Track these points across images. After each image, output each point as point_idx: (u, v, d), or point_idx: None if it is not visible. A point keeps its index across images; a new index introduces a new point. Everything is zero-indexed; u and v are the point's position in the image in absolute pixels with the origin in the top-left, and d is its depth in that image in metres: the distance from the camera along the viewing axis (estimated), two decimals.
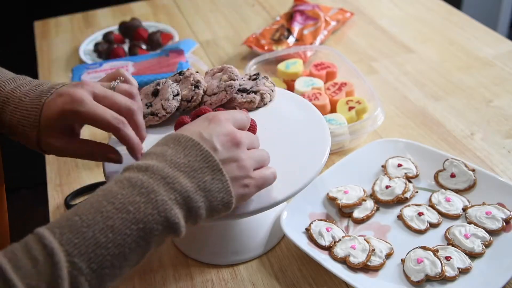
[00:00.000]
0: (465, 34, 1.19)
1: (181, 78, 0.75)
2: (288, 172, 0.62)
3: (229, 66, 0.76)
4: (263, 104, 0.74)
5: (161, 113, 0.71)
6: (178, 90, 0.72)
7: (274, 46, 1.15)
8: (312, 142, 0.68)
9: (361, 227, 0.74)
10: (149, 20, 1.37)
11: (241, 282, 0.70)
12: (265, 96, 0.74)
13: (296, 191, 0.62)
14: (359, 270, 0.68)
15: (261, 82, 0.76)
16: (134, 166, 0.51)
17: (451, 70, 1.08)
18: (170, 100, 0.71)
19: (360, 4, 1.37)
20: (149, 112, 0.71)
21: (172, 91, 0.72)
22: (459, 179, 0.78)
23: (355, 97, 0.92)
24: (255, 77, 0.77)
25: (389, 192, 0.77)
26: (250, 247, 0.73)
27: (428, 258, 0.66)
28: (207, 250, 0.73)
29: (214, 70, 0.77)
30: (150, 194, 0.48)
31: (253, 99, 0.73)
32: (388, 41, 1.20)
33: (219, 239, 0.73)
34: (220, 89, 0.73)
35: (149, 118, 0.71)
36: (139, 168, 0.51)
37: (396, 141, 0.85)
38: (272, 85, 0.76)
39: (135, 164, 0.51)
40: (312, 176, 0.63)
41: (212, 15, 1.39)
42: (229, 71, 0.75)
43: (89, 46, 1.24)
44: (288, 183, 0.62)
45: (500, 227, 0.70)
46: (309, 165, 0.64)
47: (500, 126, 0.92)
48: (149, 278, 0.71)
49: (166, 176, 0.50)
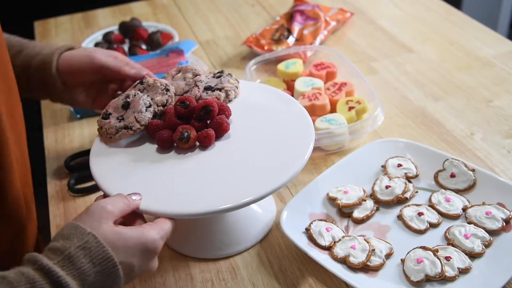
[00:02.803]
0: (465, 34, 1.19)
1: (144, 86, 0.75)
2: (274, 164, 0.65)
3: (187, 65, 0.79)
4: (228, 100, 0.77)
5: (135, 126, 0.70)
6: (150, 102, 0.73)
7: (274, 46, 1.15)
8: (295, 136, 0.70)
9: (361, 227, 0.74)
10: (149, 20, 1.37)
11: (241, 282, 0.70)
12: (230, 93, 0.77)
13: (283, 182, 0.63)
14: (359, 270, 0.68)
15: (225, 79, 0.78)
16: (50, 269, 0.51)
17: (451, 70, 1.08)
18: (143, 112, 0.71)
19: (360, 4, 1.37)
20: (122, 126, 0.71)
21: (144, 103, 0.72)
22: (459, 179, 0.78)
23: (355, 97, 0.92)
24: (219, 75, 0.79)
25: (389, 192, 0.77)
26: (239, 239, 0.74)
27: (428, 258, 0.66)
28: (193, 244, 0.75)
29: (171, 73, 0.79)
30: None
31: (218, 96, 0.75)
32: (388, 41, 1.20)
33: (206, 233, 0.75)
34: (190, 85, 0.75)
35: (122, 132, 0.70)
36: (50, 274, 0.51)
37: (396, 141, 0.85)
38: (237, 82, 0.79)
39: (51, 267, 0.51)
40: (299, 167, 0.65)
41: (212, 15, 1.39)
42: (190, 68, 0.78)
43: (89, 46, 1.24)
44: (273, 176, 0.64)
45: (500, 227, 0.70)
46: (294, 159, 0.66)
47: (500, 126, 0.92)
48: (149, 279, 0.71)
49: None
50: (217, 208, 0.61)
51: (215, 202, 0.61)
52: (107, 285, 0.53)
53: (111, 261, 0.53)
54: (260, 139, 0.70)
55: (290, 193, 0.82)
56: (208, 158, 0.68)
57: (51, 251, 0.53)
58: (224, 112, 0.71)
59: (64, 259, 0.52)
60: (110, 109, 0.74)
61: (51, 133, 1.00)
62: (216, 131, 0.69)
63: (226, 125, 0.70)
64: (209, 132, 0.68)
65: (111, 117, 0.73)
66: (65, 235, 0.54)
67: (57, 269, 0.50)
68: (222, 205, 0.61)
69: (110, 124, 0.71)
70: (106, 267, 0.53)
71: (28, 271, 0.50)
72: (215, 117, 0.70)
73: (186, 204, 0.61)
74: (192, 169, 0.66)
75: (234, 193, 0.62)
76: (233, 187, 0.63)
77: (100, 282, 0.53)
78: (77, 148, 0.95)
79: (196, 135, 0.68)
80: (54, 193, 0.86)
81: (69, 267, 0.51)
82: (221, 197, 0.62)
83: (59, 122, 1.03)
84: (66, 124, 1.02)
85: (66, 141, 0.97)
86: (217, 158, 0.68)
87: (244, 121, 0.73)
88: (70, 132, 1.00)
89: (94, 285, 0.52)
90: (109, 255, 0.53)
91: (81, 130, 1.00)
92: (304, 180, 0.83)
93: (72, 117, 1.03)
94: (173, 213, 0.61)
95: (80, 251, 0.52)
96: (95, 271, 0.52)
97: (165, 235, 0.59)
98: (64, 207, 0.84)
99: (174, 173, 0.66)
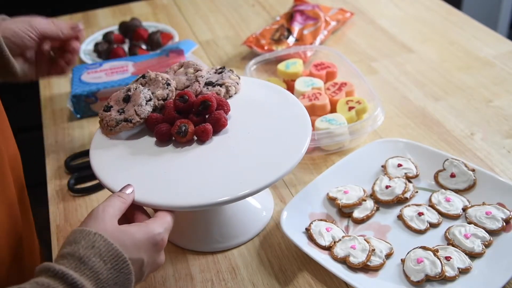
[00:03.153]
0: (465, 34, 1.19)
1: (146, 80, 0.76)
2: (271, 158, 0.66)
3: (189, 60, 0.80)
4: (229, 96, 0.77)
5: (135, 119, 0.71)
6: (151, 95, 0.73)
7: (274, 46, 1.15)
8: (293, 132, 0.70)
9: (361, 227, 0.74)
10: (149, 20, 1.37)
11: (241, 282, 0.70)
12: (230, 89, 0.77)
13: (280, 176, 0.64)
14: (359, 270, 0.68)
15: (226, 75, 0.79)
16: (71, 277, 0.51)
17: (451, 70, 1.08)
18: (143, 106, 0.71)
19: (360, 4, 1.37)
20: (122, 119, 0.71)
21: (145, 97, 0.72)
22: (459, 179, 0.78)
23: (355, 97, 0.92)
24: (220, 71, 0.80)
25: (389, 192, 0.77)
26: (236, 233, 0.75)
27: (428, 258, 0.66)
28: (191, 237, 0.75)
29: (173, 68, 0.80)
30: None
31: (218, 91, 0.76)
32: (388, 41, 1.20)
33: (204, 226, 0.75)
34: (191, 81, 0.76)
35: (122, 124, 0.71)
36: None
37: (396, 141, 0.85)
38: (237, 78, 0.79)
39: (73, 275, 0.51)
40: (295, 161, 0.65)
41: (212, 15, 1.39)
42: (192, 64, 0.78)
43: (89, 46, 1.24)
44: (270, 170, 0.64)
45: (500, 227, 0.70)
46: (291, 153, 0.67)
47: (500, 126, 0.92)
48: (149, 278, 0.71)
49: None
50: (215, 201, 0.61)
51: (213, 195, 0.62)
52: (120, 281, 0.53)
53: (121, 257, 0.53)
54: (258, 135, 0.70)
55: (290, 193, 0.82)
56: (206, 152, 0.68)
57: (61, 257, 0.53)
58: (223, 108, 0.72)
59: (75, 261, 0.52)
60: (112, 102, 0.74)
61: (51, 133, 1.00)
62: (214, 126, 0.69)
63: (224, 120, 0.70)
64: (207, 127, 0.69)
65: (112, 109, 0.73)
66: (72, 241, 0.54)
67: (71, 272, 0.50)
68: (220, 197, 0.61)
69: (110, 116, 0.72)
70: (117, 263, 0.53)
71: (42, 280, 0.50)
72: (213, 112, 0.70)
73: (184, 197, 0.62)
74: (190, 163, 0.67)
75: (231, 186, 0.63)
76: (230, 181, 0.64)
77: (114, 279, 0.53)
78: (77, 148, 0.95)
79: (194, 130, 0.69)
80: (54, 193, 0.86)
81: (81, 268, 0.51)
82: (219, 190, 0.62)
83: (59, 122, 1.03)
84: (66, 124, 1.02)
85: (66, 141, 0.97)
86: (215, 152, 0.68)
87: (243, 117, 0.73)
88: (70, 132, 1.00)
89: (108, 283, 0.52)
90: (118, 252, 0.53)
91: (81, 130, 1.00)
92: (304, 180, 0.83)
93: (72, 117, 1.03)
94: (171, 205, 0.61)
95: (90, 251, 0.52)
96: (107, 268, 0.52)
97: (168, 227, 0.60)
98: (64, 207, 0.84)
99: (172, 166, 0.67)
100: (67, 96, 1.09)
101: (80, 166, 0.90)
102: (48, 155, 0.94)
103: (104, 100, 0.98)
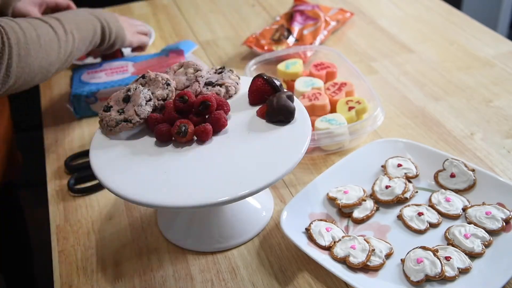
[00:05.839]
0: (465, 34, 1.19)
1: (146, 81, 0.76)
2: (270, 159, 0.66)
3: (189, 60, 0.80)
4: (229, 96, 0.77)
5: (135, 119, 0.71)
6: (151, 96, 0.73)
7: (274, 46, 1.15)
8: (293, 132, 0.70)
9: (361, 227, 0.74)
10: (149, 20, 1.38)
11: (241, 282, 0.70)
12: (230, 89, 0.77)
13: (279, 176, 0.64)
14: (359, 270, 0.68)
15: (226, 75, 0.79)
16: None
17: (451, 70, 1.08)
18: (143, 106, 0.72)
19: (360, 4, 1.37)
20: (122, 119, 0.71)
21: (144, 97, 0.72)
22: (459, 179, 0.78)
23: (355, 97, 0.92)
24: (220, 71, 0.80)
25: (389, 192, 0.77)
26: (236, 233, 0.75)
27: (428, 258, 0.66)
28: (191, 237, 0.76)
29: (173, 68, 0.80)
30: None
31: (218, 91, 0.76)
32: (388, 41, 1.20)
33: (204, 226, 0.76)
34: (191, 81, 0.76)
35: (122, 124, 0.71)
36: None
37: (396, 141, 0.85)
38: (237, 78, 0.79)
39: None
40: (295, 161, 0.65)
41: (212, 15, 1.39)
42: (192, 64, 0.79)
43: None
44: (269, 170, 0.64)
45: (500, 227, 0.70)
46: (290, 154, 0.66)
47: (500, 126, 0.92)
48: (149, 278, 0.71)
49: None
50: (215, 201, 0.61)
51: (213, 195, 0.62)
52: None
53: None
54: (258, 135, 0.70)
55: (290, 193, 0.82)
56: (206, 152, 0.68)
57: None
58: (223, 108, 0.72)
59: None
60: (112, 102, 0.74)
61: (51, 133, 1.00)
62: (213, 126, 0.70)
63: (223, 121, 0.70)
64: (207, 127, 0.69)
65: (112, 109, 0.73)
66: None
67: None
68: (220, 197, 0.61)
69: (110, 116, 0.72)
70: None
71: None
72: (213, 112, 0.70)
73: (184, 197, 0.62)
74: (190, 163, 0.67)
75: (231, 186, 0.63)
76: (230, 181, 0.64)
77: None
78: (77, 148, 0.95)
79: (193, 130, 0.69)
80: (54, 193, 0.86)
81: None
82: (219, 190, 0.62)
83: (59, 122, 1.03)
84: (66, 124, 1.02)
85: (66, 141, 0.97)
86: (215, 152, 0.68)
87: (243, 117, 0.73)
88: (70, 132, 1.00)
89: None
90: None
91: (81, 130, 1.00)
92: (304, 180, 0.84)
93: (72, 117, 1.03)
94: (171, 205, 0.61)
95: None
96: None
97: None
98: (64, 207, 0.84)
99: (172, 166, 0.67)
100: (67, 96, 1.10)
101: (80, 166, 0.90)
102: (48, 155, 0.94)
103: (104, 100, 0.98)
